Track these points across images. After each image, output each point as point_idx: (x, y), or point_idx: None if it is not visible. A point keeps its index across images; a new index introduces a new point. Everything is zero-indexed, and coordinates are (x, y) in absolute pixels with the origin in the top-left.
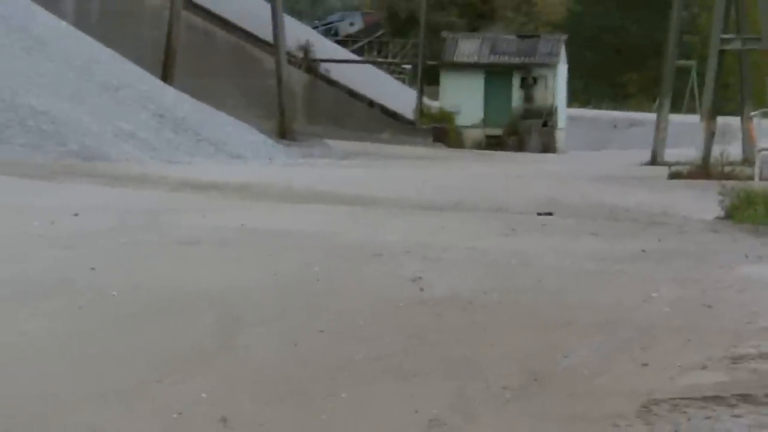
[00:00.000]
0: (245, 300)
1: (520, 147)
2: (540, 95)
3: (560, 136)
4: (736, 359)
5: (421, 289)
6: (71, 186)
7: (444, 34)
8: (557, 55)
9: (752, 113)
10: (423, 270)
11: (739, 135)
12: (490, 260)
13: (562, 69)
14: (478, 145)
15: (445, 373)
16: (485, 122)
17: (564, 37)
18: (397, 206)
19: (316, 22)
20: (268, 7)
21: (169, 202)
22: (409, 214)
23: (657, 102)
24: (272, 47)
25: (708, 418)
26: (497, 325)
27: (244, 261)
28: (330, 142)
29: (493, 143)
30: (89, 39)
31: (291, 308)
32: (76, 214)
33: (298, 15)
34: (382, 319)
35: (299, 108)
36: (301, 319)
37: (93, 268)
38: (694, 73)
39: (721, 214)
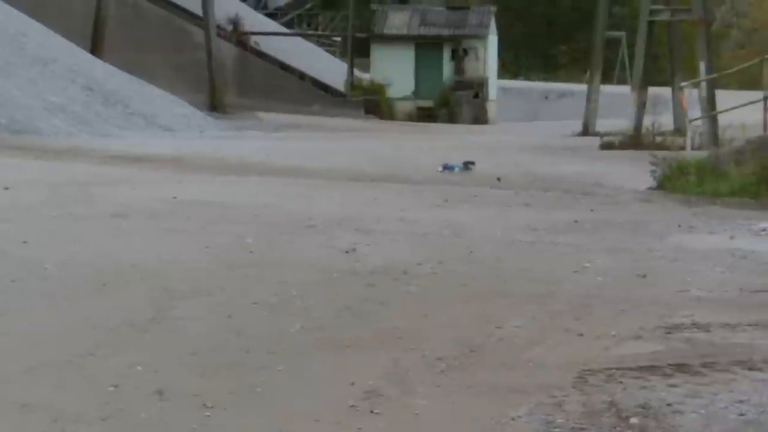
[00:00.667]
0: (178, 272)
1: (452, 119)
2: (471, 67)
3: (492, 107)
4: (670, 329)
5: (356, 261)
6: (0, 160)
7: (373, 6)
8: (487, 26)
9: (683, 84)
10: (356, 241)
11: (670, 106)
12: (423, 231)
13: (493, 40)
14: (410, 118)
15: (380, 344)
16: (416, 94)
17: (494, 8)
18: (329, 178)
19: None
20: None
21: (100, 175)
22: (341, 186)
23: (588, 73)
24: (202, 20)
25: (643, 387)
26: (431, 296)
27: (176, 233)
28: (262, 114)
29: (425, 115)
30: (17, 12)
31: (224, 280)
32: (6, 188)
33: None
34: (316, 291)
35: (230, 81)
36: (235, 291)
37: (25, 242)
38: (624, 45)
39: (654, 184)
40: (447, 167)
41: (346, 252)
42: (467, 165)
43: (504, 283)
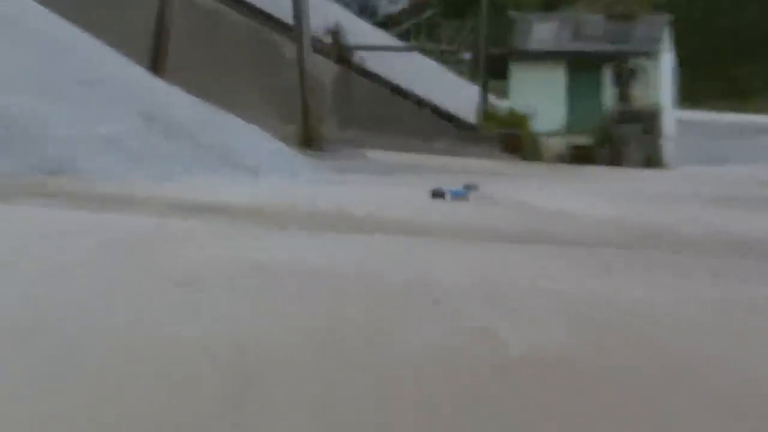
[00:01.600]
0: (260, 357)
1: (616, 161)
2: (640, 93)
3: (668, 146)
4: None
5: (491, 347)
6: (31, 210)
7: (512, 14)
8: (660, 40)
9: None
10: (492, 320)
11: None
12: (578, 309)
13: (667, 59)
14: (560, 158)
15: None
16: (569, 128)
17: (668, 18)
18: (456, 237)
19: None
20: None
21: (161, 230)
22: (472, 247)
23: None
24: (293, 31)
25: None
26: (590, 396)
27: (258, 306)
28: (369, 152)
29: (580, 155)
30: (58, 19)
31: (319, 368)
32: (39, 237)
33: None
34: (438, 387)
35: (329, 108)
36: (332, 382)
37: (62, 318)
38: None
39: None
40: (437, 193)
41: (479, 334)
42: (468, 189)
43: (692, 385)
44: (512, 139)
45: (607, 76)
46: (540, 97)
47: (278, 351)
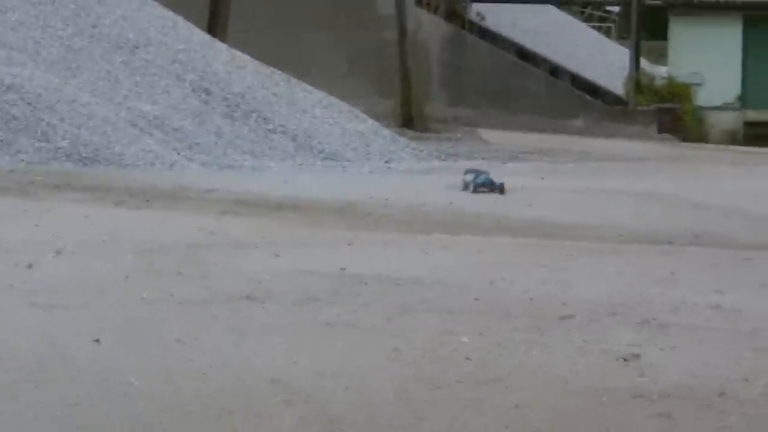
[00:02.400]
0: (347, 394)
1: None
2: None
3: None
4: None
5: (640, 375)
6: (59, 206)
7: None
8: None
9: None
10: (641, 343)
11: None
12: (751, 327)
13: None
14: (733, 138)
15: None
16: (745, 101)
17: None
18: (598, 240)
19: None
20: None
21: (220, 232)
22: (617, 253)
23: None
24: None
25: None
26: None
27: (345, 329)
28: (486, 134)
29: (759, 135)
30: None
31: (425, 406)
32: (58, 252)
33: None
34: (574, 423)
35: (436, 79)
36: (443, 424)
37: (97, 340)
38: None
39: None
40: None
41: (624, 360)
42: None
43: None
44: (671, 116)
45: None
46: (708, 62)
47: (368, 386)
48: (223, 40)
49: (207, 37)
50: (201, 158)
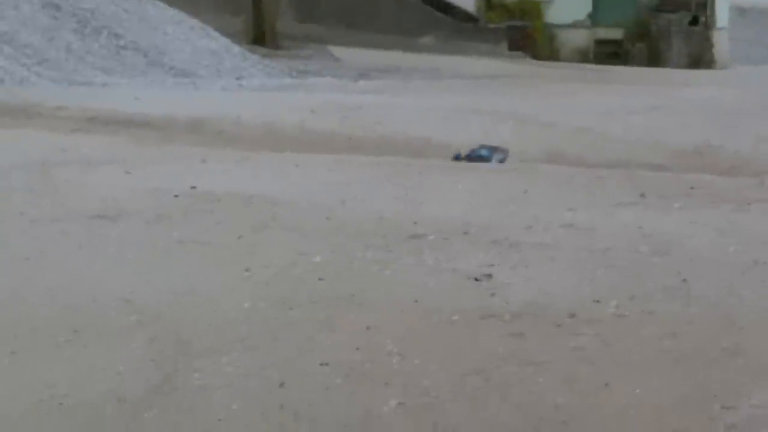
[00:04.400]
0: (199, 313)
1: (654, 59)
2: None
3: (720, 41)
4: None
5: (491, 295)
6: None
7: None
8: None
9: None
10: (492, 262)
11: None
12: (603, 246)
13: None
14: (584, 56)
15: None
16: (594, 18)
17: None
18: (447, 157)
19: None
20: None
21: (72, 150)
22: (468, 171)
23: None
24: None
25: None
26: (616, 355)
27: (197, 247)
28: (337, 50)
29: (608, 53)
30: None
31: (275, 326)
32: None
33: None
34: (424, 345)
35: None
36: (293, 344)
37: None
38: None
39: None
40: (469, 156)
41: (476, 280)
42: (495, 152)
43: (736, 333)
44: (522, 33)
45: None
46: None
47: (220, 307)
48: None
49: None
50: (51, 74)
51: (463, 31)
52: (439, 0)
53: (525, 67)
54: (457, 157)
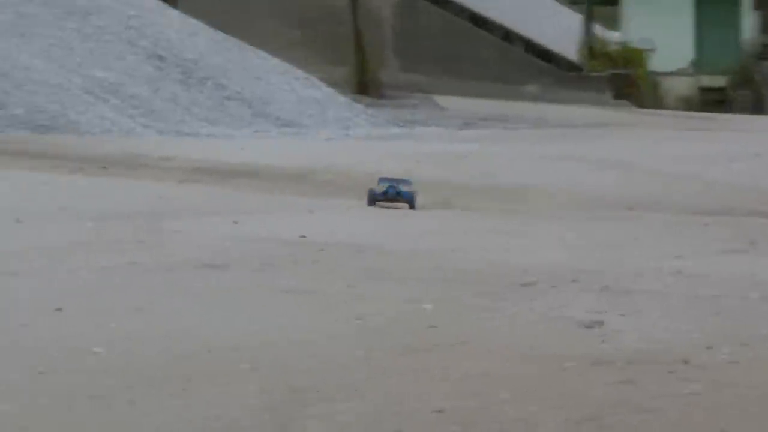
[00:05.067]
0: (309, 362)
1: (758, 107)
2: None
3: None
4: None
5: (602, 342)
6: (13, 174)
7: None
8: None
9: None
10: (602, 309)
11: None
12: (713, 293)
13: None
14: (687, 104)
15: None
16: (698, 66)
17: None
18: (557, 206)
19: None
20: None
21: (179, 199)
22: (578, 220)
23: None
24: None
25: None
26: (730, 402)
27: (306, 296)
28: (441, 99)
29: (712, 100)
30: None
31: (386, 373)
32: (18, 221)
33: None
34: (539, 392)
35: (390, 45)
36: (404, 391)
37: (59, 309)
38: None
39: None
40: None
41: (587, 327)
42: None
43: None
44: (625, 81)
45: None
46: (661, 26)
47: (331, 353)
48: (174, 5)
49: (158, 2)
50: (157, 125)
51: (567, 79)
52: (541, 49)
53: (629, 115)
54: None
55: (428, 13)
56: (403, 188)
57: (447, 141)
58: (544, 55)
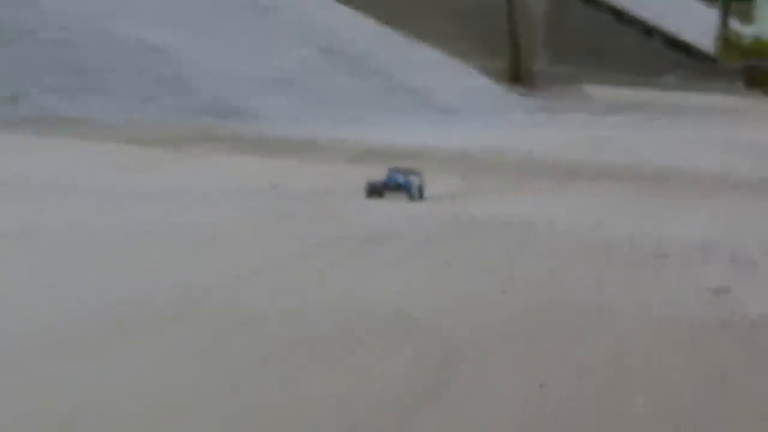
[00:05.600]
0: (462, 324)
1: None
2: None
3: None
4: None
5: (729, 307)
6: (202, 157)
7: None
8: None
9: None
10: (730, 278)
11: None
12: None
13: None
14: None
15: None
16: None
17: None
18: (688, 185)
19: None
20: None
21: (348, 179)
22: (708, 197)
23: None
24: None
25: None
26: None
27: (460, 267)
28: (587, 88)
29: None
30: None
31: (532, 337)
32: (222, 195)
33: None
34: (670, 353)
35: (540, 40)
36: (547, 352)
37: (256, 272)
38: None
39: None
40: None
41: (715, 294)
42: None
43: None
44: (758, 72)
45: None
46: None
47: (482, 318)
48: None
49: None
50: (329, 113)
51: (702, 70)
52: (680, 42)
53: (760, 104)
54: (372, 189)
55: (576, 8)
56: (412, 179)
57: (593, 126)
58: (683, 47)
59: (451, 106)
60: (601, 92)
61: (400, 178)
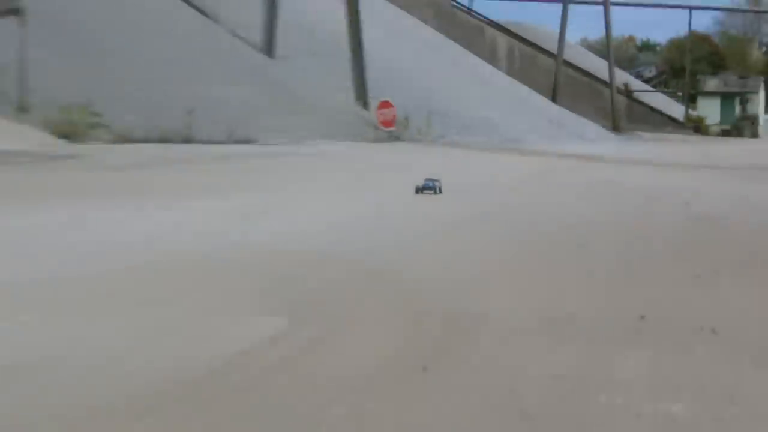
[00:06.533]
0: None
1: (739, 134)
2: (750, 108)
3: (760, 128)
4: None
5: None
6: (501, 155)
7: (699, 76)
8: (758, 86)
9: None
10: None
11: None
12: None
13: (761, 95)
14: (716, 134)
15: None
16: (721, 122)
17: (762, 78)
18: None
19: (630, 71)
20: (604, 62)
21: (557, 164)
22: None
23: None
24: (608, 84)
25: None
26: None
27: (602, 205)
28: (640, 133)
29: (723, 132)
30: (511, 79)
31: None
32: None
33: (621, 66)
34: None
35: (623, 115)
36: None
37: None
38: None
39: None
40: (425, 187)
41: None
42: (429, 186)
43: None
44: (697, 127)
45: (737, 101)
46: (709, 109)
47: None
48: (556, 102)
49: (550, 102)
50: (548, 142)
51: (678, 126)
52: (668, 115)
53: (698, 138)
54: (419, 189)
55: (636, 106)
56: (435, 184)
57: (646, 146)
58: (671, 118)
59: (591, 138)
60: (646, 134)
61: (429, 183)
